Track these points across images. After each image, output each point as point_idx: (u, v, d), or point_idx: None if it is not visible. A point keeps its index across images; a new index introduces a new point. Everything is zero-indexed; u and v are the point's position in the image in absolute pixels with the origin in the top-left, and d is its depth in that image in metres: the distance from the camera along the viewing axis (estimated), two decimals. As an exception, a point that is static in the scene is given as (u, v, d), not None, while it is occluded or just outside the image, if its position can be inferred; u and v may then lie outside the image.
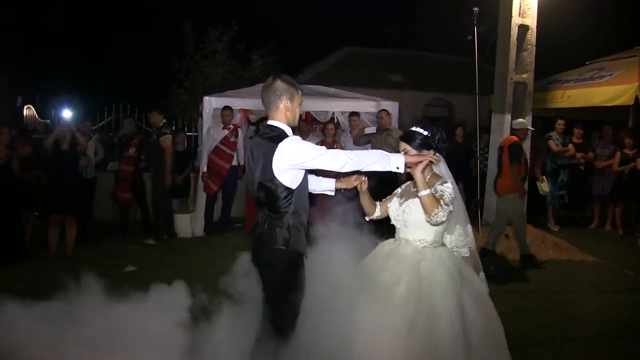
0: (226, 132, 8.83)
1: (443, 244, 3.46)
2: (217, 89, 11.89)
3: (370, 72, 18.08)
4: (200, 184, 9.02)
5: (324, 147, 3.18)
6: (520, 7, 8.31)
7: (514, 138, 7.53)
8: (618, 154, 9.53)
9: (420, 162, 3.17)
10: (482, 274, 3.59)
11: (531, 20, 8.38)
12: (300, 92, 3.36)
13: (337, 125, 9.61)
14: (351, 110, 9.47)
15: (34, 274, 6.50)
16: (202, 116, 9.68)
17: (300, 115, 10.57)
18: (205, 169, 8.89)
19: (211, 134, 8.97)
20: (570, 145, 9.89)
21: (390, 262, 3.38)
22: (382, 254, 3.50)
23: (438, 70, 18.91)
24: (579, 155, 9.98)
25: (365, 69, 18.29)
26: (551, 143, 9.81)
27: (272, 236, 3.21)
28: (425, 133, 3.38)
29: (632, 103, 9.77)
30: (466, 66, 11.52)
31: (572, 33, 15.65)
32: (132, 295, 3.72)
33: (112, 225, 9.16)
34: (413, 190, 3.42)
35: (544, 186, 9.37)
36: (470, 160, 10.51)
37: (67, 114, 8.31)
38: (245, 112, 9.78)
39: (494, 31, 8.84)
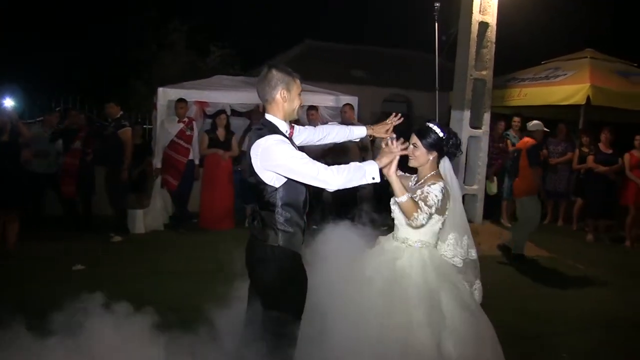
0: (181, 125, 8.58)
1: (434, 247, 3.36)
2: (175, 81, 11.66)
3: (331, 66, 18.01)
4: (158, 179, 8.79)
5: (302, 154, 2.94)
6: (480, 4, 8.36)
7: (532, 140, 7.55)
8: (577, 151, 9.75)
9: (391, 162, 2.95)
10: (478, 282, 3.48)
11: (491, 18, 8.44)
12: (298, 80, 3.14)
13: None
14: (309, 104, 9.37)
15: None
16: (156, 108, 9.43)
17: (258, 107, 10.41)
18: (159, 165, 8.67)
19: (165, 127, 8.73)
20: (526, 143, 10.05)
21: (375, 260, 3.35)
22: (378, 248, 3.46)
23: (397, 66, 19.00)
24: (534, 152, 10.14)
25: (325, 63, 18.21)
26: (507, 143, 9.97)
27: (263, 233, 3.08)
28: (441, 134, 3.30)
29: (584, 102, 10.00)
30: (425, 62, 11.59)
31: (529, 32, 15.94)
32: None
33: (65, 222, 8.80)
34: (411, 186, 3.40)
35: (492, 187, 9.51)
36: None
37: (8, 103, 7.93)
38: (202, 104, 9.59)
39: (454, 26, 8.87)
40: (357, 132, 3.71)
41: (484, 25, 8.44)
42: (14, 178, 6.97)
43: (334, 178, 2.85)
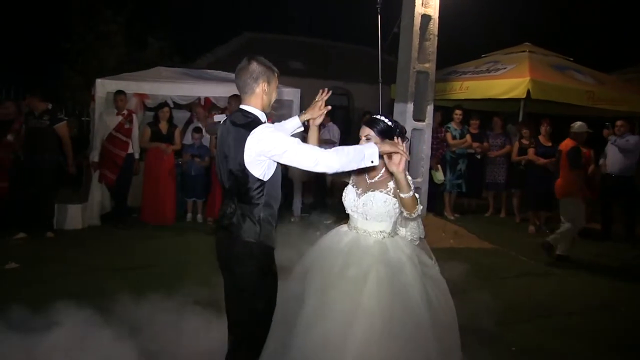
0: (120, 118, 8.29)
1: (397, 234, 3.46)
2: (112, 72, 11.20)
3: (270, 58, 17.57)
4: (95, 174, 8.46)
5: (298, 140, 2.94)
6: (423, -3, 8.36)
7: (572, 143, 7.53)
8: (517, 144, 9.91)
9: (398, 154, 2.97)
10: (434, 259, 3.62)
11: (433, 11, 8.44)
12: (277, 74, 3.20)
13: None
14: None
15: None
16: (94, 100, 9.03)
17: (199, 101, 10.21)
18: (96, 159, 8.36)
19: (104, 120, 8.42)
20: (468, 136, 10.19)
21: (355, 257, 3.28)
22: (341, 246, 3.40)
23: (338, 59, 18.98)
24: (475, 145, 10.28)
25: (265, 55, 17.58)
26: (448, 136, 10.06)
27: (242, 228, 3.01)
28: (390, 123, 3.35)
29: (524, 96, 10.17)
30: (366, 55, 11.55)
31: (468, 25, 16.17)
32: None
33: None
34: (370, 181, 3.41)
35: (439, 174, 9.61)
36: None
37: None
38: (141, 96, 9.31)
39: (397, 19, 8.83)
40: (290, 125, 3.63)
41: (426, 18, 8.43)
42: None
43: (334, 160, 2.85)
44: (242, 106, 3.12)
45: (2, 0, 17.89)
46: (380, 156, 2.95)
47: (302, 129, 3.69)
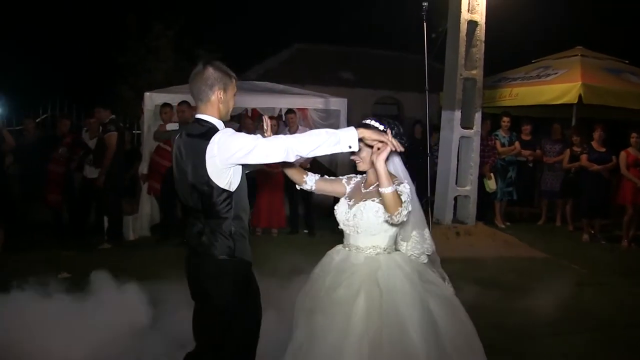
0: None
1: (398, 250, 3.15)
2: (161, 86, 11.49)
3: (320, 69, 17.93)
4: (145, 185, 8.66)
5: (258, 136, 2.74)
6: (469, 3, 8.27)
7: None
8: (567, 151, 9.65)
9: (382, 144, 2.71)
10: (447, 279, 3.27)
11: (480, 17, 8.35)
12: (234, 81, 2.93)
13: (285, 122, 9.36)
14: (298, 107, 9.28)
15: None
16: (144, 113, 9.29)
17: (246, 112, 10.31)
18: (145, 171, 8.56)
19: (152, 132, 8.60)
20: (517, 143, 9.98)
21: (344, 276, 3.00)
22: (332, 265, 3.13)
23: (388, 68, 18.91)
24: (526, 152, 10.08)
25: (315, 66, 18.13)
26: (497, 143, 9.88)
27: (214, 246, 2.81)
28: (381, 127, 3.00)
29: (576, 101, 9.92)
30: (415, 64, 11.47)
31: (518, 30, 15.89)
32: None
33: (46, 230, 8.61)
34: (364, 191, 3.11)
35: (491, 183, 9.45)
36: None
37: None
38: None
39: (444, 27, 8.77)
40: None
41: (473, 24, 8.35)
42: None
43: (303, 144, 2.62)
44: (198, 115, 2.89)
45: (61, 16, 18.60)
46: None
47: None
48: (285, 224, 8.83)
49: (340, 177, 3.37)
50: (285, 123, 9.05)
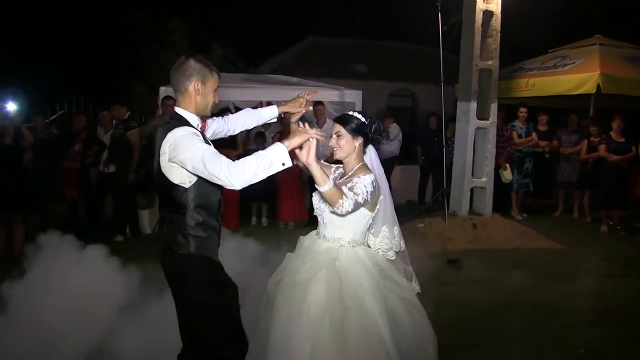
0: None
1: (367, 245, 3.16)
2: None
3: (334, 62, 17.87)
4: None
5: (212, 150, 2.64)
6: (484, -8, 8.19)
7: None
8: (585, 141, 9.52)
9: (309, 146, 2.63)
10: (415, 280, 3.26)
11: (495, 6, 8.25)
12: (216, 75, 2.90)
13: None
14: (316, 100, 9.24)
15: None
16: (159, 107, 9.33)
17: (261, 105, 10.26)
18: None
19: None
20: (534, 134, 9.88)
21: (304, 261, 3.06)
22: (300, 250, 3.22)
23: (402, 60, 18.81)
24: (543, 143, 9.99)
25: (328, 59, 18.08)
26: (513, 134, 9.78)
27: (174, 240, 2.81)
28: (364, 120, 3.13)
29: (594, 91, 9.79)
30: (430, 56, 11.41)
31: (534, 20, 15.71)
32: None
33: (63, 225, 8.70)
34: (338, 182, 3.08)
35: (507, 174, 9.37)
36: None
37: (11, 107, 7.88)
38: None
39: (458, 18, 8.69)
40: (267, 113, 3.51)
41: (488, 14, 8.25)
42: (17, 181, 6.90)
43: (237, 177, 2.53)
44: (175, 108, 2.88)
45: (72, 14, 18.70)
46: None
47: (275, 119, 3.60)
48: (308, 216, 8.77)
49: (332, 164, 3.40)
50: (315, 114, 8.99)
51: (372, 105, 14.13)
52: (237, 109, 9.95)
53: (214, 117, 3.38)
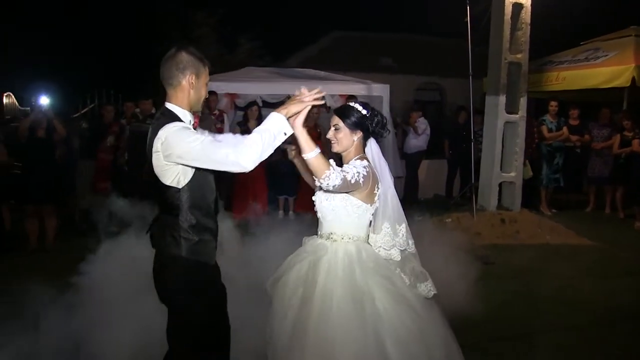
0: (212, 118, 8.52)
1: (364, 241, 2.97)
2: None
3: (360, 55, 17.79)
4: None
5: (204, 138, 2.49)
6: (514, -16, 8.07)
7: None
8: (618, 136, 9.33)
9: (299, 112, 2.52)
10: (429, 282, 2.97)
11: (525, -2, 8.15)
12: (207, 68, 2.78)
13: (328, 108, 9.33)
14: (341, 94, 9.25)
15: (11, 266, 6.27)
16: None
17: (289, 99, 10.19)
18: None
19: (196, 119, 8.69)
20: (565, 128, 9.71)
21: (295, 261, 2.97)
22: (300, 250, 3.07)
23: (429, 54, 18.65)
24: (574, 138, 9.82)
25: (355, 52, 18.00)
26: (544, 129, 9.63)
27: (165, 241, 2.67)
28: (364, 112, 2.94)
29: (628, 85, 9.59)
30: (457, 49, 11.30)
31: (565, 12, 15.39)
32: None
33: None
34: None
35: (527, 170, 9.20)
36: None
37: (44, 100, 7.98)
38: (232, 96, 9.56)
39: (487, 10, 8.57)
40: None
41: (517, 7, 8.15)
42: (50, 174, 7.01)
43: (247, 156, 2.39)
44: (166, 104, 2.72)
45: (99, 7, 18.94)
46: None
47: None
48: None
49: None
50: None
51: (399, 100, 14.05)
52: (265, 103, 10.00)
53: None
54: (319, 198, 2.98)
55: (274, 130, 2.45)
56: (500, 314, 4.96)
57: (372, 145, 3.04)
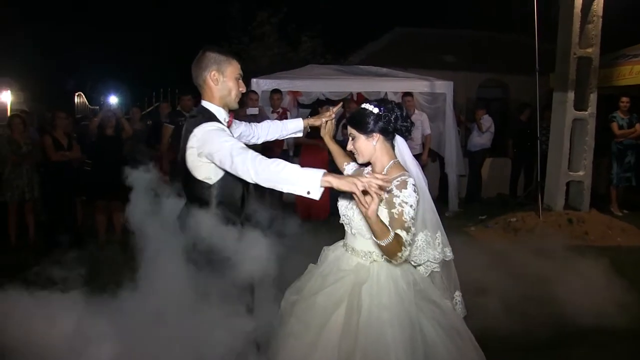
0: (275, 116, 8.58)
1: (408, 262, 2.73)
2: (266, 72, 11.79)
3: (422, 52, 17.58)
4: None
5: (240, 145, 2.52)
6: (584, -25, 7.79)
7: None
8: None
9: (365, 194, 2.19)
10: (458, 292, 2.85)
11: (597, -10, 7.85)
12: (235, 62, 2.81)
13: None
14: (404, 91, 9.17)
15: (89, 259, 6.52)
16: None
17: (352, 97, 10.26)
18: None
19: (261, 117, 8.81)
20: (637, 125, 9.33)
21: (328, 281, 2.69)
22: (325, 263, 2.85)
23: (493, 50, 18.26)
24: (647, 135, 9.41)
25: (417, 49, 17.82)
26: (614, 126, 9.27)
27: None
28: (377, 110, 2.66)
29: None
30: (522, 44, 11.01)
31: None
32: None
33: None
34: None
35: None
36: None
37: (113, 99, 8.28)
38: (295, 94, 9.61)
39: (555, 3, 8.31)
40: (292, 126, 3.40)
41: (589, -1, 7.86)
42: (118, 171, 7.24)
43: (261, 171, 2.37)
44: (202, 101, 2.83)
45: (167, 11, 19.45)
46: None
47: (301, 134, 3.45)
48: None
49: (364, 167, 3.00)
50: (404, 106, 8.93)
51: (462, 97, 13.83)
52: (328, 100, 10.02)
53: (242, 122, 3.30)
54: (347, 207, 2.74)
55: (301, 179, 2.30)
56: (565, 318, 4.80)
57: (399, 145, 2.79)
